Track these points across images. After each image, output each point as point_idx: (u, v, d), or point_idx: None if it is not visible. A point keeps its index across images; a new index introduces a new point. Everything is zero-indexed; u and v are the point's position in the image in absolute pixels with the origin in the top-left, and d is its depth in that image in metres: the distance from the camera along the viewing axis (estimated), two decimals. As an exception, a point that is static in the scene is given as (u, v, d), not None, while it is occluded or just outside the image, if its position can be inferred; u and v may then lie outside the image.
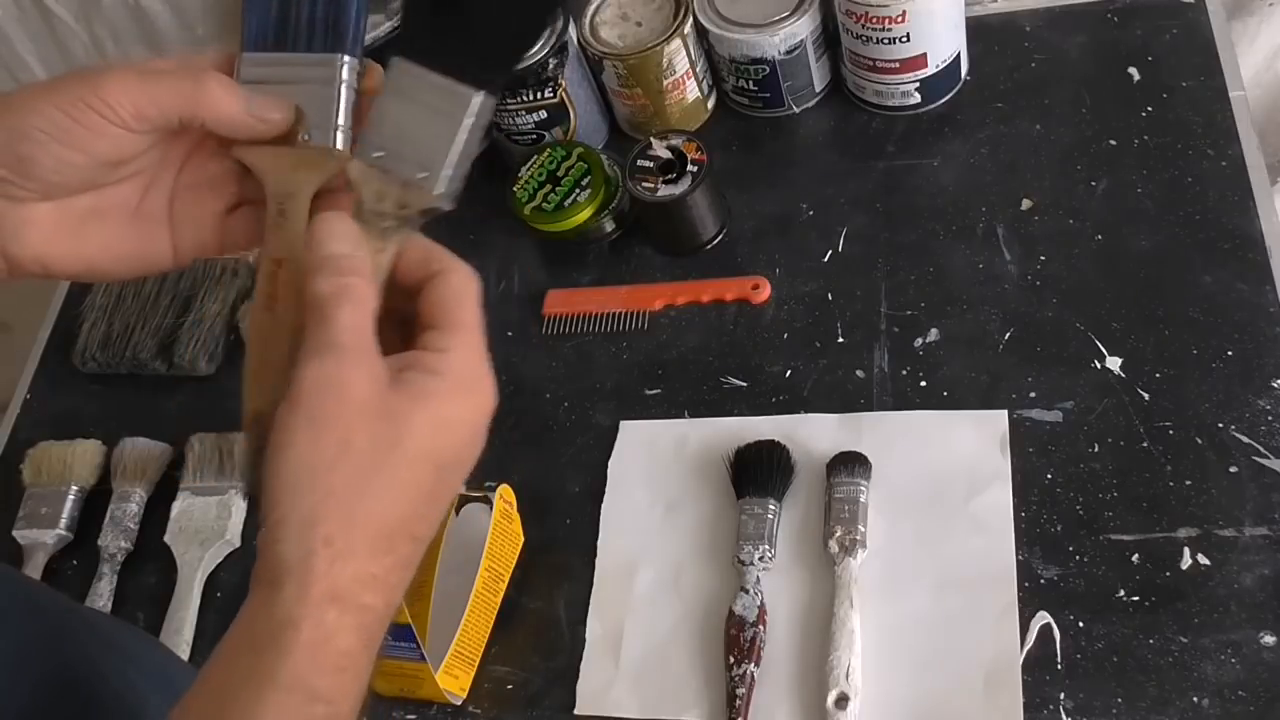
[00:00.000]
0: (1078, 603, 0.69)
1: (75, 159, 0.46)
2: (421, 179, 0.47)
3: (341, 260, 0.44)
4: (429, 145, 0.47)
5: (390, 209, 0.47)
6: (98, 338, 0.98)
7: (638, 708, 0.72)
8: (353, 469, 0.42)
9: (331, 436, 0.42)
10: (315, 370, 0.42)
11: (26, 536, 0.88)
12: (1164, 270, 0.79)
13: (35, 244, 0.48)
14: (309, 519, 0.41)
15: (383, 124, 0.47)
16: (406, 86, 0.47)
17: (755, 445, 0.77)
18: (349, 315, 0.43)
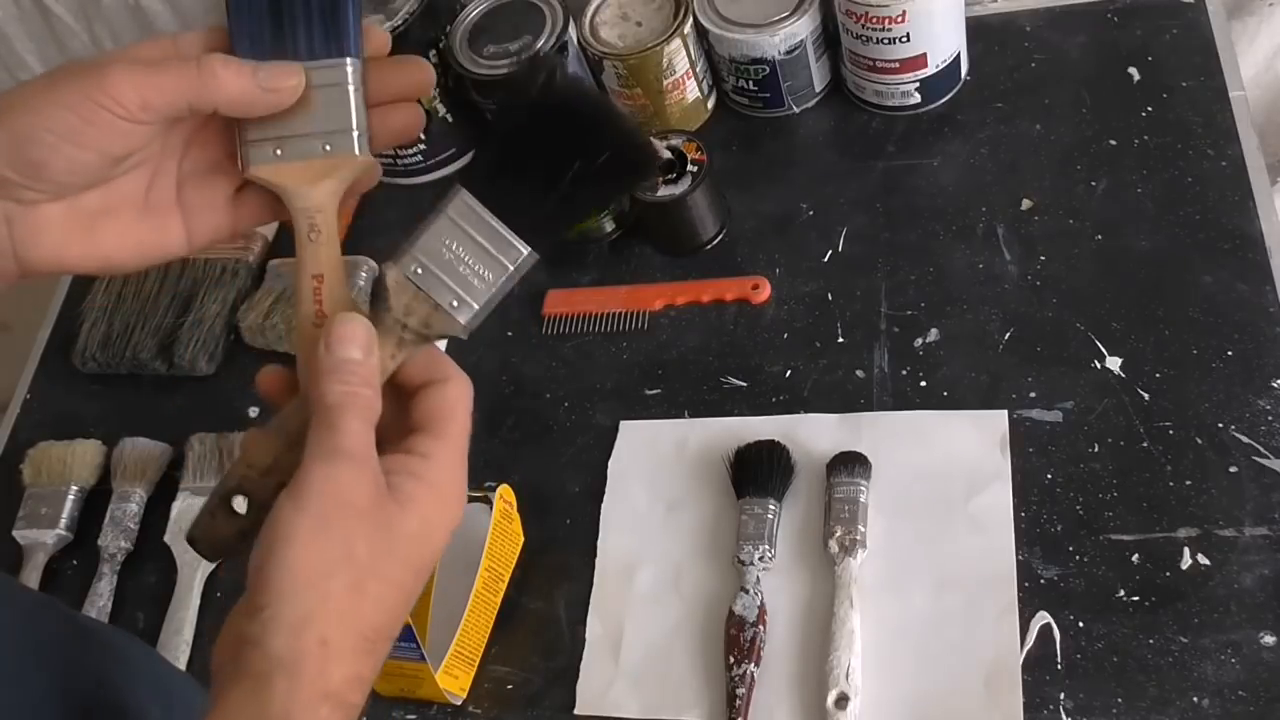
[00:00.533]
0: (1078, 603, 0.69)
1: (86, 158, 0.46)
2: (452, 308, 0.48)
3: (354, 366, 0.46)
4: (468, 280, 0.48)
5: (414, 325, 0.48)
6: (98, 338, 0.98)
7: (638, 708, 0.72)
8: (351, 576, 0.43)
9: (335, 542, 0.43)
10: (322, 474, 0.44)
11: (26, 536, 0.88)
12: (1164, 270, 0.79)
13: (49, 247, 0.48)
14: (305, 619, 0.42)
15: (430, 244, 0.48)
16: (463, 217, 0.48)
17: (755, 445, 0.77)
18: (355, 423, 0.45)
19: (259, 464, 0.47)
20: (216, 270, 0.99)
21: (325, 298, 0.48)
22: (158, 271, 1.00)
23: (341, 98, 0.49)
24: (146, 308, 0.98)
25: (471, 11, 0.94)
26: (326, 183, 0.49)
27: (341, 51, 0.49)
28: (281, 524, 0.43)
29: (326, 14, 0.49)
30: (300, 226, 0.49)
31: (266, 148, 0.49)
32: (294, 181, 0.49)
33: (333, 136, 0.49)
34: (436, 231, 0.48)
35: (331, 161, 0.49)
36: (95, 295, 1.00)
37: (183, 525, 0.86)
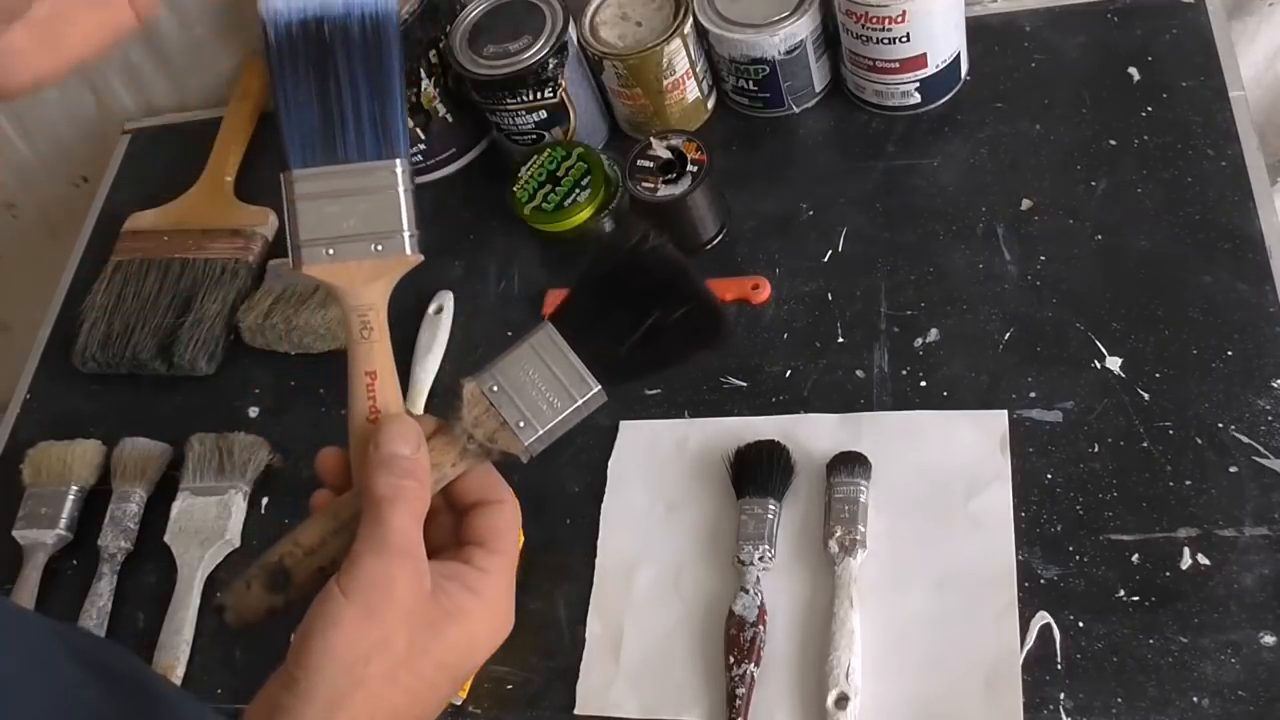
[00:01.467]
0: (1078, 603, 0.69)
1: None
2: (518, 428, 0.51)
3: (402, 462, 0.48)
4: (538, 405, 0.51)
5: (479, 437, 0.51)
6: (98, 338, 0.98)
7: (638, 708, 0.72)
8: (386, 666, 0.45)
9: (375, 631, 0.45)
10: (370, 564, 0.46)
11: (26, 536, 0.88)
12: (1164, 270, 0.79)
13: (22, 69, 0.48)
14: (336, 702, 0.44)
15: (510, 368, 0.51)
16: (544, 349, 0.51)
17: (755, 445, 0.78)
18: (401, 518, 0.47)
19: (304, 544, 0.50)
20: (216, 270, 0.99)
21: (378, 394, 0.50)
22: (158, 271, 1.00)
23: (391, 199, 0.51)
24: (146, 308, 0.98)
25: (471, 11, 0.94)
26: (378, 283, 0.51)
27: (392, 154, 0.51)
28: (329, 607, 0.45)
29: (377, 118, 0.50)
30: (353, 324, 0.51)
31: (319, 248, 0.51)
32: (346, 281, 0.51)
33: (383, 238, 0.51)
34: (517, 357, 0.51)
35: (383, 263, 0.51)
36: (95, 295, 1.00)
37: (182, 525, 0.86)
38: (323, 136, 0.50)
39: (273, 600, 0.49)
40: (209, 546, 0.85)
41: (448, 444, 0.51)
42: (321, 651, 0.44)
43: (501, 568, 0.50)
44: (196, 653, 0.82)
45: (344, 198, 0.50)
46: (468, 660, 0.49)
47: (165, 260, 1.01)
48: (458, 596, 0.48)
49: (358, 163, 0.50)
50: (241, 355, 0.97)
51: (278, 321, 0.93)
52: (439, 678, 0.47)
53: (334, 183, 0.50)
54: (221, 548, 0.85)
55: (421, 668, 0.46)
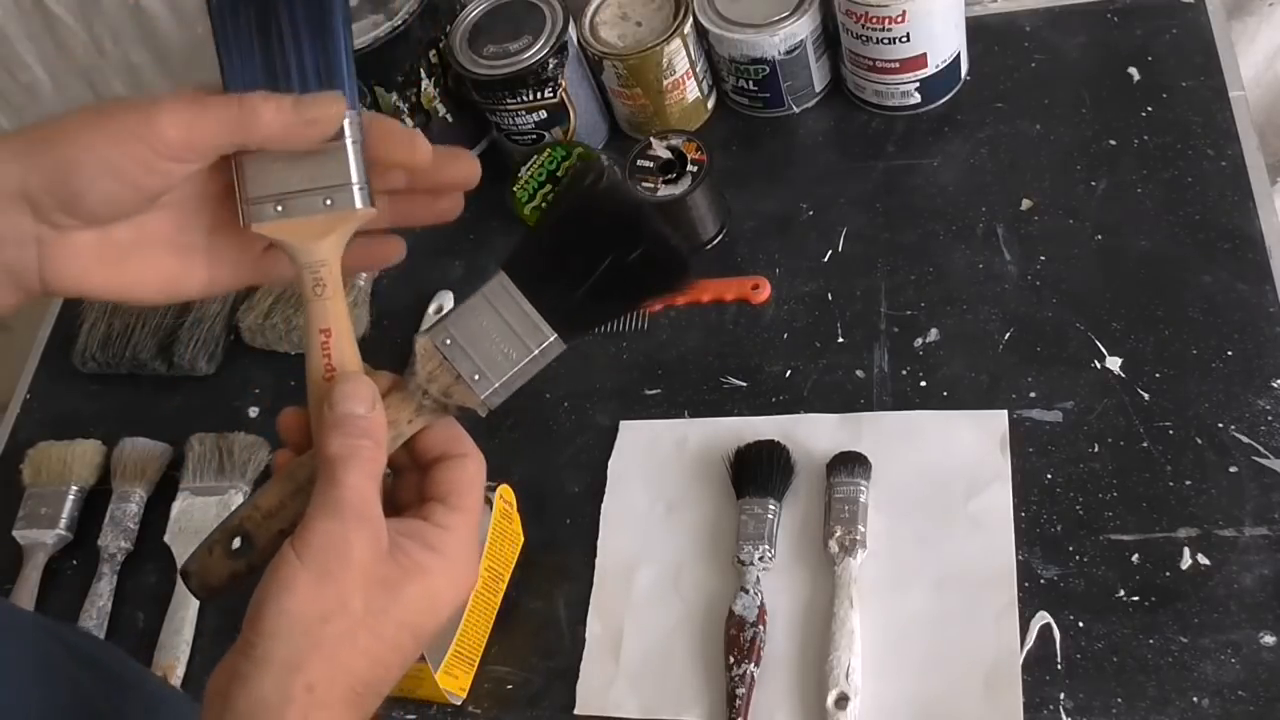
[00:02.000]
0: (1078, 603, 0.69)
1: (124, 193, 0.47)
2: (473, 380, 0.49)
3: (357, 421, 0.47)
4: (493, 357, 0.49)
5: (435, 392, 0.49)
6: (98, 338, 0.98)
7: (638, 708, 0.72)
8: (344, 627, 0.44)
9: (331, 593, 0.44)
10: (325, 528, 0.45)
11: (26, 536, 0.88)
12: (1164, 270, 0.79)
13: (75, 272, 0.48)
14: (294, 664, 0.43)
15: (464, 320, 0.50)
16: (498, 298, 0.49)
17: (755, 445, 0.77)
18: (355, 477, 0.46)
19: (264, 507, 0.49)
20: (216, 270, 0.99)
21: (334, 352, 0.49)
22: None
23: (339, 152, 0.49)
24: (146, 308, 0.98)
25: (471, 11, 0.94)
26: (329, 238, 0.49)
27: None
28: (282, 571, 0.44)
29: (321, 71, 0.49)
30: (306, 282, 0.50)
31: (267, 205, 0.49)
32: (296, 237, 0.49)
33: (333, 191, 0.49)
34: (471, 308, 0.50)
35: (333, 216, 0.49)
36: (95, 295, 1.00)
37: (182, 525, 0.86)
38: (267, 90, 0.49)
39: (234, 565, 0.49)
40: (209, 546, 0.85)
41: (403, 400, 0.49)
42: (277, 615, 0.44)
43: (462, 524, 0.48)
44: (196, 653, 0.82)
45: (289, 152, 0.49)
46: (429, 619, 0.47)
47: (165, 260, 1.01)
48: (416, 554, 0.47)
49: None
50: (241, 355, 0.97)
51: (278, 321, 0.93)
52: (400, 637, 0.46)
53: None
54: (221, 548, 0.85)
55: (381, 628, 0.45)
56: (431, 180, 0.52)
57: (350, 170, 0.49)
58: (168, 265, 0.51)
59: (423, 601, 0.47)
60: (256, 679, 0.43)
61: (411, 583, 0.46)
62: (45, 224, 0.47)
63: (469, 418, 0.51)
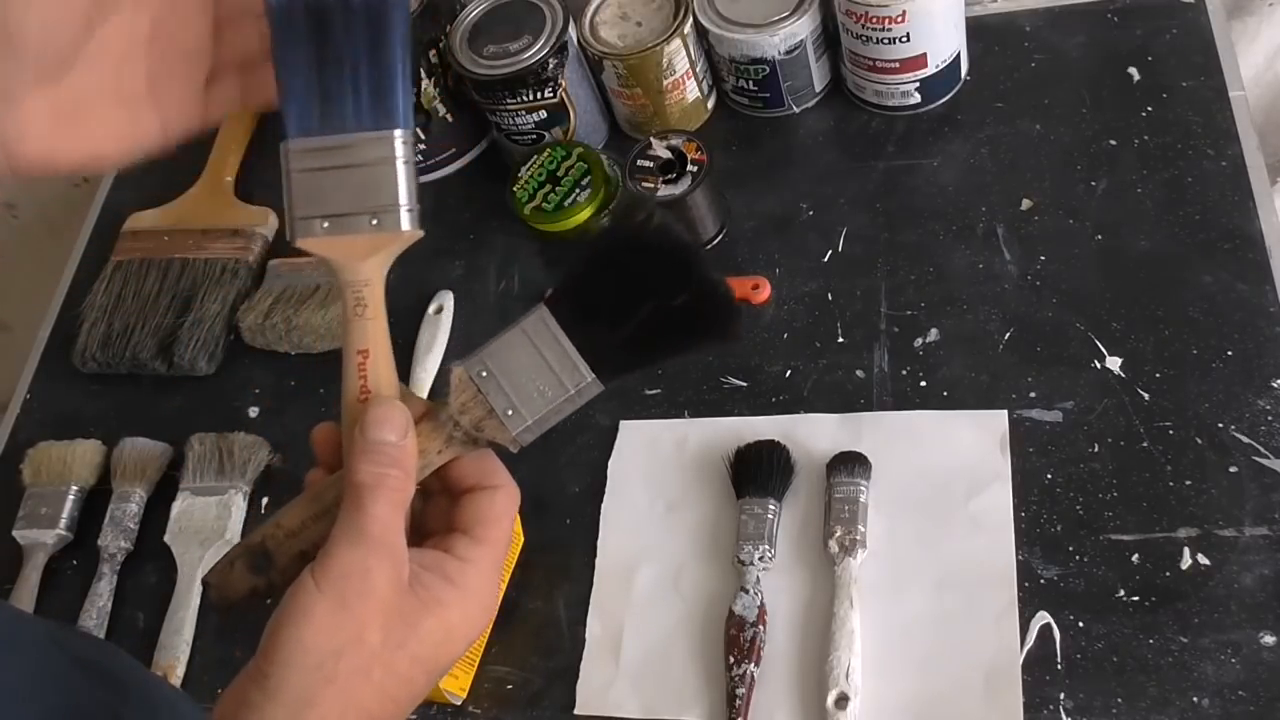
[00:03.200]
0: (1078, 603, 0.69)
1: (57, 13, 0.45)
2: (506, 416, 0.49)
3: (388, 449, 0.46)
4: (528, 394, 0.49)
5: (466, 424, 0.49)
6: (98, 338, 0.98)
7: (638, 708, 0.72)
8: (360, 662, 0.44)
9: (348, 625, 0.44)
10: (345, 554, 0.45)
11: (26, 536, 0.88)
12: (1164, 270, 0.79)
13: (36, 141, 0.47)
14: (306, 697, 0.43)
15: (501, 353, 0.49)
16: (538, 334, 0.49)
17: (755, 445, 0.77)
18: (381, 507, 0.45)
19: (287, 526, 0.48)
20: (216, 270, 0.99)
21: (370, 373, 0.49)
22: (158, 271, 1.00)
23: (389, 172, 0.49)
24: (146, 308, 0.98)
25: (471, 11, 0.94)
26: (375, 258, 0.49)
27: (390, 124, 0.49)
28: (300, 598, 0.44)
29: (375, 87, 0.49)
30: (348, 300, 0.49)
31: (314, 221, 0.49)
32: (341, 255, 0.49)
33: (380, 212, 0.49)
34: (508, 342, 0.49)
35: (379, 237, 0.49)
36: (95, 295, 1.00)
37: (182, 525, 0.86)
38: (321, 107, 0.48)
39: (255, 581, 0.48)
40: (209, 546, 0.85)
41: (434, 430, 0.49)
42: (292, 646, 0.43)
43: (485, 556, 0.48)
44: (196, 653, 0.82)
45: (341, 170, 0.48)
46: (444, 653, 0.47)
47: (165, 260, 1.01)
48: (435, 588, 0.46)
49: (355, 133, 0.48)
50: (241, 355, 0.97)
51: (278, 321, 0.93)
52: (414, 672, 0.46)
53: (331, 155, 0.49)
54: (221, 548, 0.85)
55: (396, 663, 0.45)
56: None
57: (399, 191, 0.49)
58: (120, 118, 0.49)
59: (438, 634, 0.46)
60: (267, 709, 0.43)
61: (429, 616, 0.46)
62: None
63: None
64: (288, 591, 0.45)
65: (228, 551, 0.49)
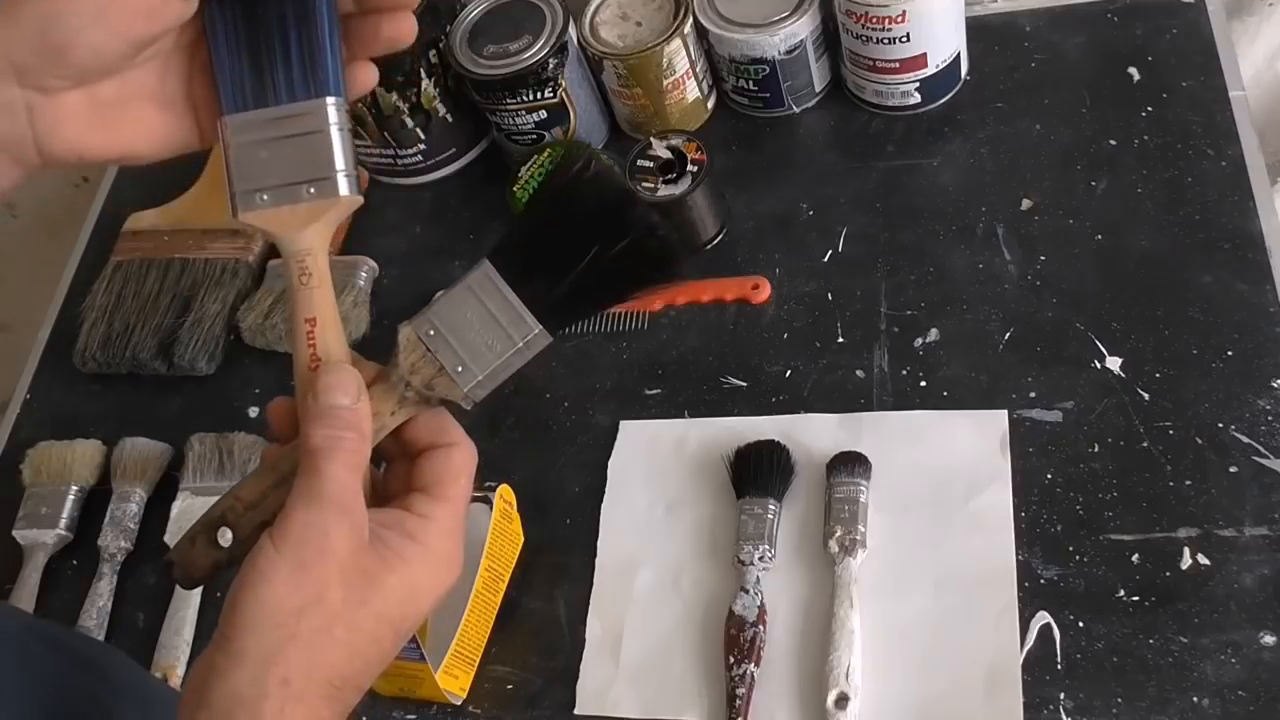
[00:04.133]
0: (1078, 603, 0.69)
1: (109, 42, 0.46)
2: (456, 373, 0.48)
3: (341, 412, 0.46)
4: (477, 349, 0.48)
5: (417, 384, 0.49)
6: (98, 338, 0.97)
7: (638, 708, 0.72)
8: (321, 619, 0.44)
9: (308, 585, 0.44)
10: (303, 518, 0.45)
11: (26, 536, 0.88)
12: (1164, 270, 0.79)
13: (70, 135, 0.48)
14: (269, 657, 0.43)
15: (447, 311, 0.49)
16: (483, 289, 0.49)
17: (755, 445, 0.77)
18: (337, 468, 0.45)
19: (245, 498, 0.48)
20: (216, 270, 0.99)
21: (319, 341, 0.49)
22: (158, 271, 1.00)
23: (323, 140, 0.49)
24: (146, 308, 0.98)
25: (471, 11, 0.94)
26: (314, 226, 0.49)
27: (321, 92, 0.49)
28: (259, 562, 0.44)
29: (304, 57, 0.49)
30: (292, 270, 0.49)
31: (254, 194, 0.49)
32: (282, 226, 0.49)
33: (318, 180, 0.49)
34: (455, 299, 0.49)
35: (318, 204, 0.49)
36: (95, 295, 1.00)
37: (182, 525, 0.86)
38: (253, 80, 0.49)
39: (217, 555, 0.48)
40: (209, 546, 0.85)
41: (387, 392, 0.49)
42: (253, 608, 0.44)
43: (445, 513, 0.48)
44: (196, 653, 0.82)
45: (277, 141, 0.49)
46: (409, 609, 0.47)
47: (165, 260, 1.01)
48: (396, 544, 0.46)
49: (288, 104, 0.49)
50: (241, 355, 0.97)
51: (278, 321, 0.93)
52: (380, 630, 0.46)
53: (267, 127, 0.49)
54: (221, 548, 0.85)
55: (359, 620, 0.45)
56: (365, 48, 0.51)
57: (335, 157, 0.49)
58: (157, 119, 0.50)
59: (402, 592, 0.46)
60: (232, 673, 0.43)
61: (391, 573, 0.46)
62: (32, 89, 0.46)
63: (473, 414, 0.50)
64: (247, 557, 0.45)
65: (188, 529, 0.49)
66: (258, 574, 0.44)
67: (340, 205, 0.49)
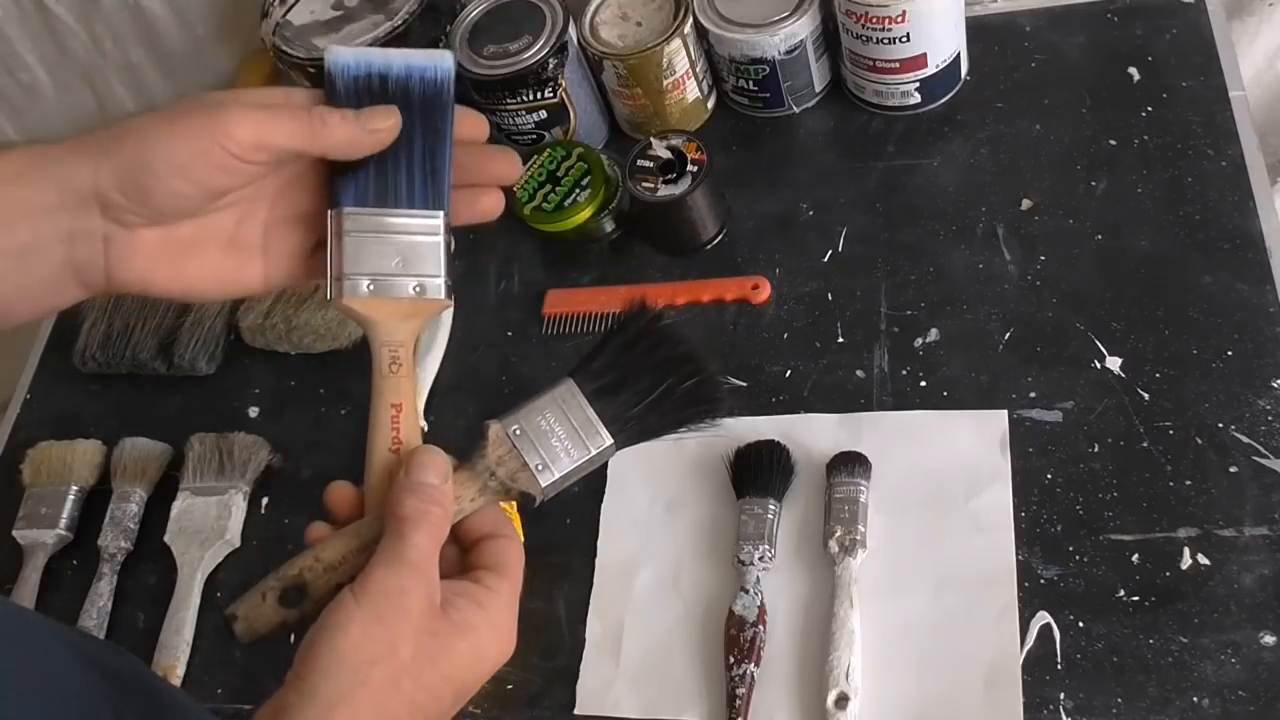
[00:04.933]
0: (1078, 603, 0.69)
1: (190, 191, 0.49)
2: (537, 470, 0.53)
3: (430, 489, 0.50)
4: (555, 452, 0.54)
5: (501, 475, 0.53)
6: (98, 338, 0.98)
7: (638, 708, 0.72)
8: (391, 671, 0.47)
9: (383, 638, 0.47)
10: (384, 575, 0.48)
11: (26, 536, 0.88)
12: (1164, 270, 0.79)
13: (139, 269, 0.51)
14: (336, 699, 0.45)
15: (532, 416, 0.54)
16: (564, 401, 0.54)
17: (755, 445, 0.77)
18: (422, 538, 0.49)
19: (326, 560, 0.51)
20: (216, 270, 0.99)
21: (402, 426, 0.53)
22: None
23: (433, 247, 0.54)
24: (146, 307, 0.98)
25: (471, 11, 0.94)
26: (412, 321, 0.53)
27: (438, 205, 0.54)
28: (339, 613, 0.47)
29: (427, 171, 0.54)
30: (382, 358, 0.53)
31: (360, 282, 0.53)
32: (383, 317, 0.53)
33: (424, 280, 0.53)
34: (539, 407, 0.54)
35: (420, 303, 0.53)
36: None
37: (182, 525, 0.86)
38: (376, 181, 0.53)
39: (286, 614, 0.50)
40: (209, 546, 0.85)
41: (469, 479, 0.53)
42: (329, 654, 0.46)
43: (508, 592, 0.52)
44: (196, 653, 0.82)
45: (389, 239, 0.53)
46: (472, 674, 0.50)
47: (165, 260, 1.01)
48: (467, 611, 0.50)
49: (407, 209, 0.53)
50: (241, 355, 0.97)
51: (278, 321, 0.93)
52: (443, 689, 0.48)
53: (381, 224, 0.53)
54: (221, 548, 0.85)
55: (426, 677, 0.47)
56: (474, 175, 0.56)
57: (440, 263, 0.54)
58: (226, 263, 0.54)
59: (468, 656, 0.49)
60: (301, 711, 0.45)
61: (461, 637, 0.49)
62: (113, 222, 0.49)
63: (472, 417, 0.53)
64: (326, 608, 0.47)
65: (257, 585, 0.51)
66: (336, 624, 0.47)
67: (437, 307, 0.54)
